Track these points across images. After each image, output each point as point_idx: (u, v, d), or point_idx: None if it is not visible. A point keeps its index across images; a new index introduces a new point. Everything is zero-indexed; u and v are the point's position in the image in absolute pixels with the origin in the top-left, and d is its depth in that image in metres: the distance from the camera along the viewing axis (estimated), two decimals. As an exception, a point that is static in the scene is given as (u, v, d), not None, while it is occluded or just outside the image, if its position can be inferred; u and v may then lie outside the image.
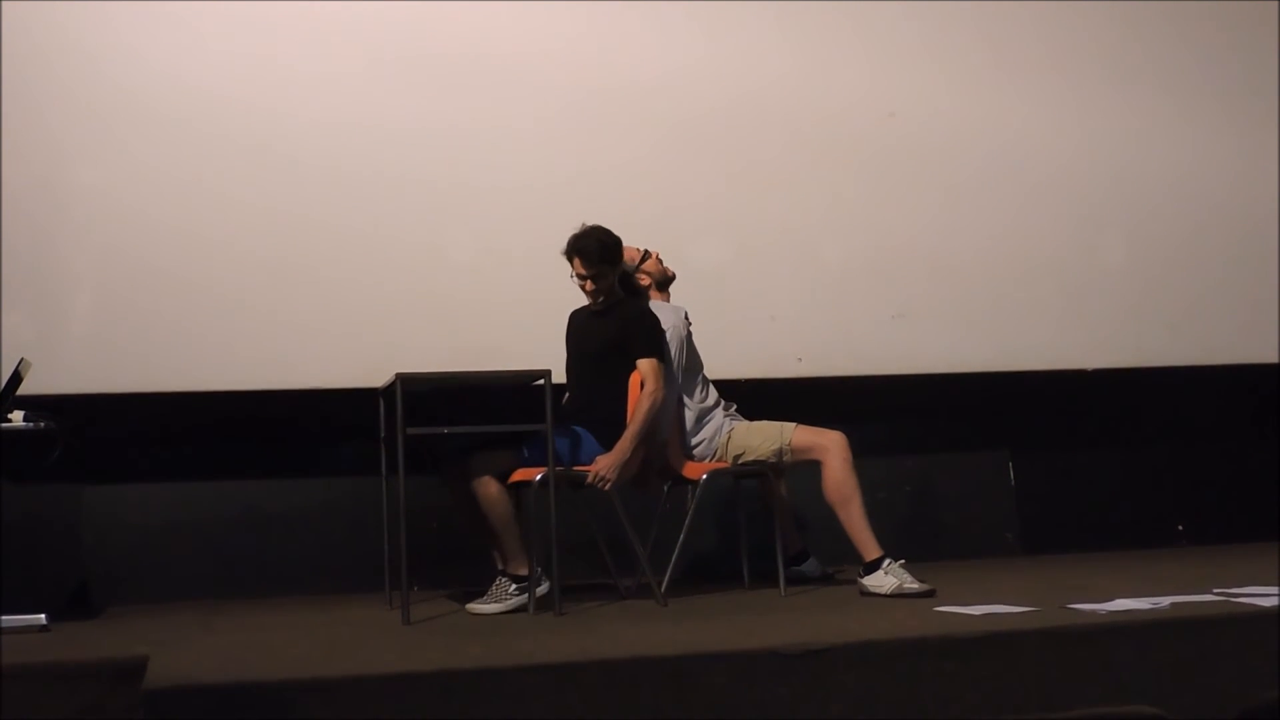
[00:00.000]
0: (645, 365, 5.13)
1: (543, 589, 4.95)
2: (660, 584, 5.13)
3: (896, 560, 5.10)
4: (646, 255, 5.58)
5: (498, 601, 4.93)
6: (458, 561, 5.52)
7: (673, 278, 5.66)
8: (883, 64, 6.77)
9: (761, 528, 5.69)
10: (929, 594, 4.93)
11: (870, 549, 5.15)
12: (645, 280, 5.56)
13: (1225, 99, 7.19)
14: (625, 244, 5.31)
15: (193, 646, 4.16)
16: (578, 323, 5.40)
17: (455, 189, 6.19)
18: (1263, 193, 7.17)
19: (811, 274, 6.58)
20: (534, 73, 6.33)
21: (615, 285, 5.25)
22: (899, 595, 4.98)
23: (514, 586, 4.95)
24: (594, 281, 5.17)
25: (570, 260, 5.16)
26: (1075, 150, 6.96)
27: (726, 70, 6.56)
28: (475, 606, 4.96)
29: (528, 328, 5.94)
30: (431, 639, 4.27)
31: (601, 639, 4.11)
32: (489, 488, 4.89)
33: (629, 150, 6.39)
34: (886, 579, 5.06)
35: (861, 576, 5.16)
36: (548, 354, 5.23)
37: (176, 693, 3.28)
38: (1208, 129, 7.15)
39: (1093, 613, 4.08)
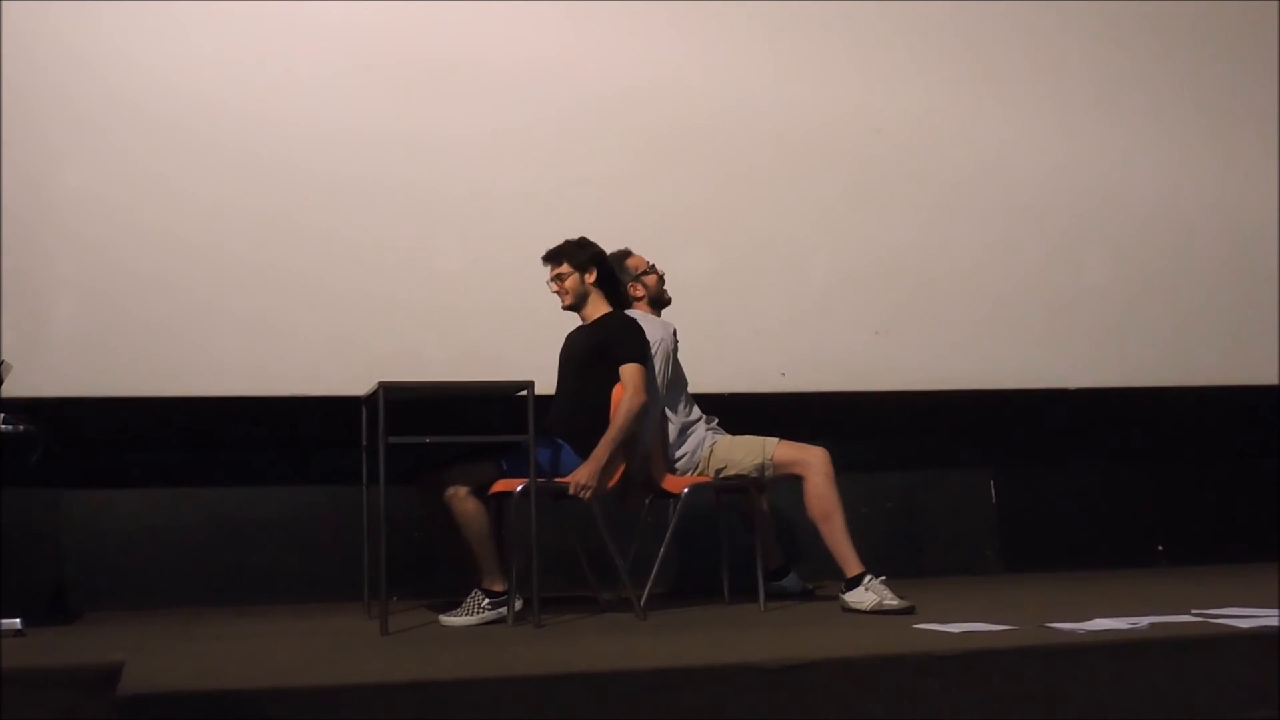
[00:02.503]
0: (626, 370, 5.13)
1: (518, 606, 4.94)
2: (640, 597, 5.13)
3: (877, 577, 5.11)
4: (651, 269, 5.59)
5: (470, 615, 4.91)
6: (438, 572, 5.50)
7: (668, 301, 5.64)
8: (869, 80, 6.79)
9: (742, 542, 5.69)
10: (909, 611, 4.93)
11: (851, 565, 5.16)
12: (639, 291, 5.57)
13: (1210, 118, 7.23)
14: (635, 253, 5.57)
15: (169, 653, 4.13)
16: (570, 339, 5.42)
17: (442, 196, 6.18)
18: (1247, 213, 7.21)
19: (796, 289, 6.59)
20: (522, 81, 6.33)
21: (583, 287, 5.27)
22: (879, 612, 4.98)
23: (488, 601, 4.93)
24: (558, 281, 5.26)
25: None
26: (1060, 169, 6.99)
27: (713, 83, 6.58)
28: (447, 619, 4.94)
29: (514, 337, 5.95)
30: (410, 649, 4.25)
31: (580, 651, 4.10)
32: (465, 501, 4.88)
33: (614, 161, 6.39)
34: (867, 595, 5.06)
35: (842, 593, 5.16)
36: (534, 364, 5.23)
37: (151, 699, 3.26)
38: (1192, 148, 7.19)
39: (1071, 632, 4.08)
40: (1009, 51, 7.02)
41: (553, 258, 5.28)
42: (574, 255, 5.26)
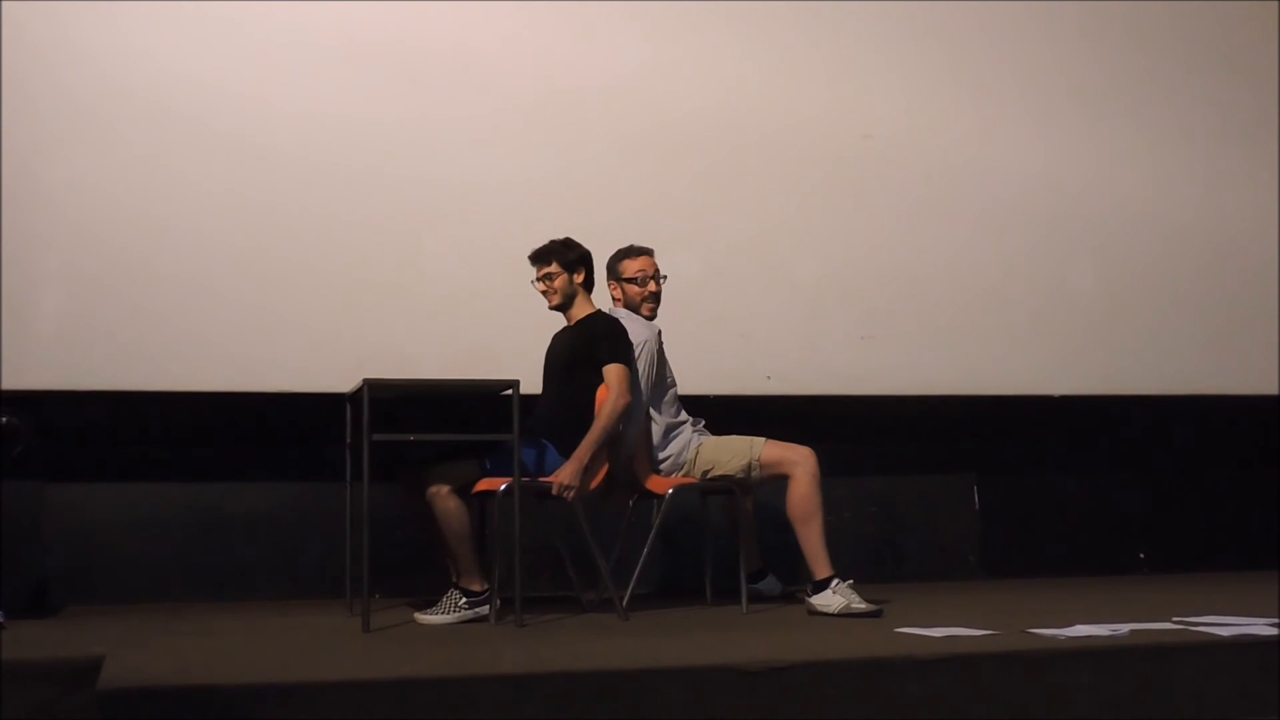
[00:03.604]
0: (610, 371, 5.14)
1: (498, 605, 4.93)
2: (623, 598, 5.13)
3: (845, 580, 5.11)
4: (636, 280, 5.54)
5: (448, 614, 4.91)
6: (420, 570, 5.49)
7: (649, 316, 5.57)
8: (860, 86, 6.79)
9: (726, 544, 5.69)
10: (876, 614, 4.94)
11: (822, 568, 5.16)
12: (617, 293, 5.55)
13: (1194, 124, 7.24)
14: (644, 258, 5.54)
15: (150, 648, 4.13)
16: (555, 341, 5.42)
17: (430, 193, 6.15)
18: (1231, 220, 7.22)
19: (783, 293, 6.59)
20: (512, 78, 6.31)
21: (571, 287, 5.27)
22: (846, 615, 4.99)
23: (465, 600, 4.93)
24: (545, 280, 5.25)
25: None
26: (1046, 177, 7.00)
27: (705, 85, 6.57)
28: (423, 617, 4.94)
29: (500, 335, 5.95)
30: (391, 647, 4.25)
31: (562, 651, 4.10)
32: (446, 500, 4.87)
33: (603, 162, 6.39)
34: (834, 598, 5.06)
35: (810, 595, 5.16)
36: (520, 363, 5.23)
37: (132, 694, 3.26)
38: (1177, 154, 7.20)
39: (1052, 638, 4.09)
40: (997, 60, 7.02)
41: (542, 257, 5.28)
42: (562, 255, 5.26)
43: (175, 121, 5.92)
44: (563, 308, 5.31)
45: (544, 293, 5.29)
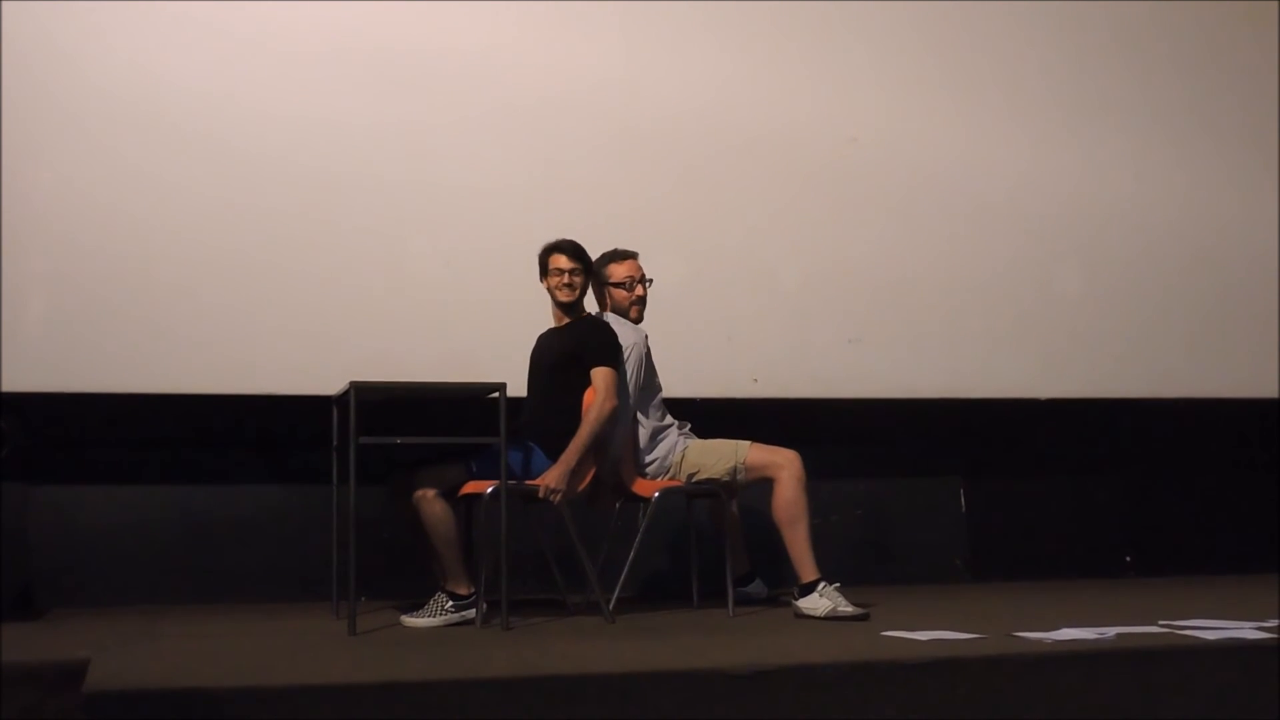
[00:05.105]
0: (598, 374, 5.14)
1: (484, 608, 4.93)
2: (609, 601, 5.13)
3: (831, 583, 5.11)
4: (624, 285, 5.54)
5: (433, 617, 4.91)
6: (407, 573, 5.48)
7: (635, 319, 5.58)
8: (845, 90, 6.80)
9: (712, 547, 5.69)
10: (863, 617, 4.94)
11: (808, 571, 5.16)
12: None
13: (1178, 131, 7.26)
14: (627, 261, 5.52)
15: (136, 651, 4.12)
16: (541, 342, 5.40)
17: (418, 196, 6.15)
18: (1215, 224, 7.24)
19: (769, 296, 6.60)
20: (501, 82, 6.31)
21: (585, 290, 5.29)
22: (833, 618, 4.99)
23: (450, 604, 4.93)
24: (572, 275, 5.21)
25: (553, 256, 5.23)
26: (1032, 180, 7.02)
27: (693, 88, 6.57)
28: (409, 620, 4.94)
29: (488, 339, 5.94)
30: (377, 650, 4.25)
31: (548, 655, 4.10)
32: (433, 504, 4.88)
33: (590, 165, 6.39)
34: (821, 601, 5.06)
35: (796, 598, 5.16)
36: (508, 366, 5.23)
37: (117, 697, 3.25)
38: (1161, 158, 7.22)
39: (1038, 641, 4.10)
40: (983, 62, 7.04)
41: (579, 254, 5.24)
42: (587, 256, 5.25)
43: (160, 125, 5.90)
44: (573, 307, 5.28)
45: (564, 286, 5.23)
